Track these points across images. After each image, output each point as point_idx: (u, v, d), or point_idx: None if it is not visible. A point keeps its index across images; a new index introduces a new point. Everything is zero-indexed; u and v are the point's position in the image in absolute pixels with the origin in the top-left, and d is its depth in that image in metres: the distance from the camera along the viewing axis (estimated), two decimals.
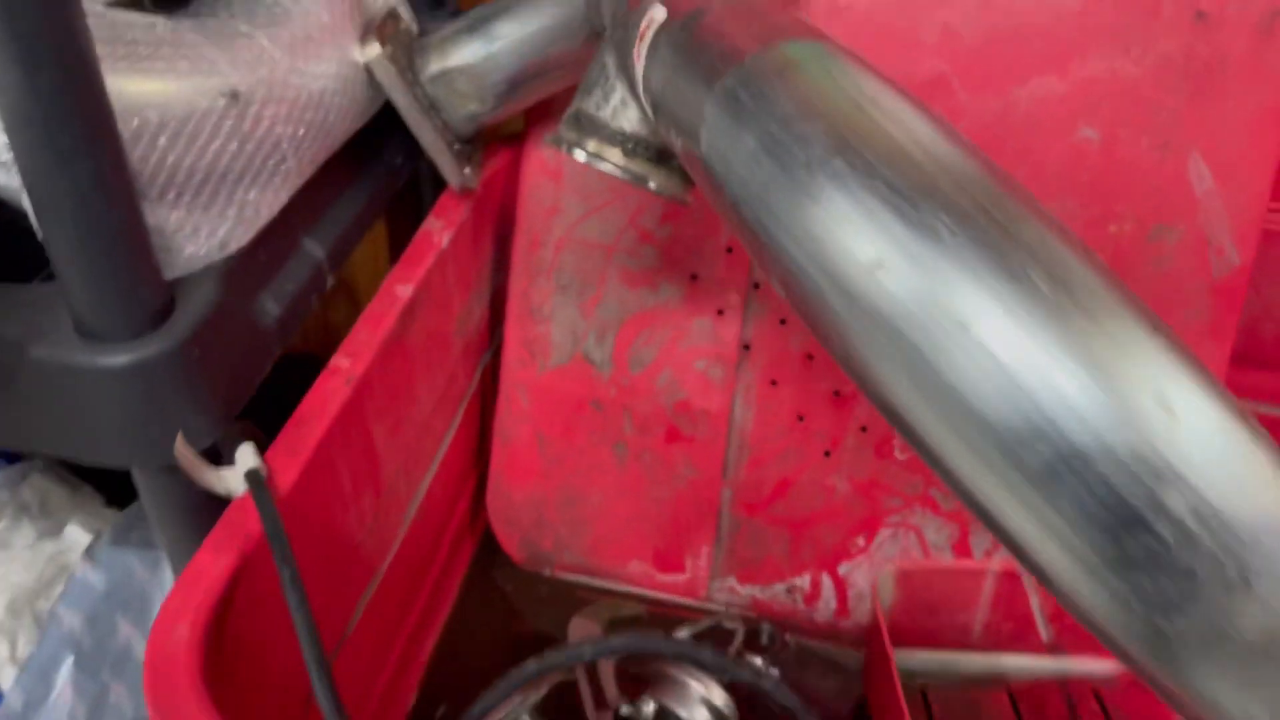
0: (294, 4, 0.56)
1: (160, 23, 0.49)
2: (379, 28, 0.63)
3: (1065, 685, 0.73)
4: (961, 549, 0.76)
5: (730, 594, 0.80)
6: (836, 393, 0.74)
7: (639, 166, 0.48)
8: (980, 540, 0.76)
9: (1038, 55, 0.68)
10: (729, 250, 0.73)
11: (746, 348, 0.75)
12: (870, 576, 0.77)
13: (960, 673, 0.74)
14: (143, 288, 0.47)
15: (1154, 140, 0.68)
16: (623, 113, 0.47)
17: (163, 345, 0.47)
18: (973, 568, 0.70)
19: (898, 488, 0.75)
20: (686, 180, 0.49)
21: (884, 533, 0.76)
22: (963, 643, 0.74)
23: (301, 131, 0.55)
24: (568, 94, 0.71)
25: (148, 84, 0.47)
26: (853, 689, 0.75)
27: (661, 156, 0.48)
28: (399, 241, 0.77)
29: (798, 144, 0.28)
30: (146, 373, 0.47)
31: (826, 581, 0.78)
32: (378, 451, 0.60)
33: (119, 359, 0.47)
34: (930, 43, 0.68)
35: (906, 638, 0.72)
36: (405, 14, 0.70)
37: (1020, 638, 0.74)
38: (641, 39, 0.42)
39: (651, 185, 0.48)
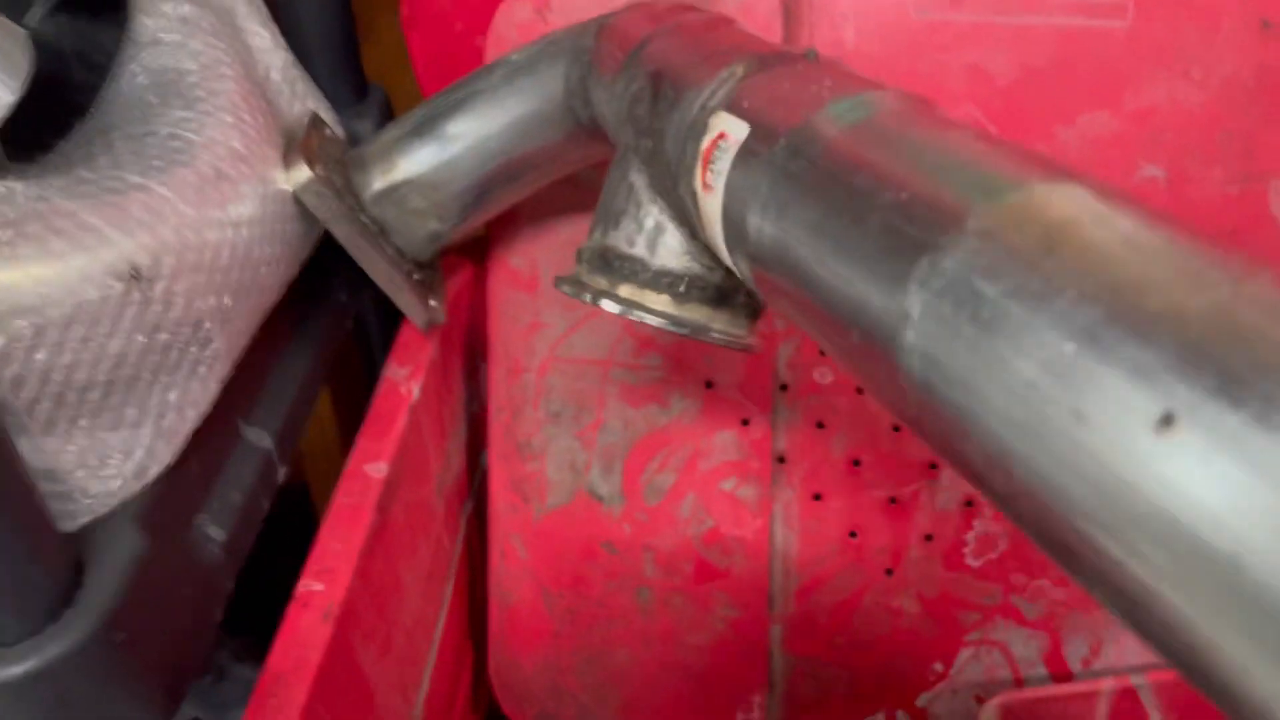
0: (195, 133, 0.43)
1: (19, 190, 0.36)
2: (303, 143, 0.50)
3: None
4: (1054, 661, 0.65)
5: None
6: (892, 500, 0.63)
7: (696, 313, 0.36)
8: (1076, 649, 0.65)
9: (1083, 89, 0.58)
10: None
11: (781, 460, 0.63)
12: (954, 706, 0.66)
13: None
14: (34, 564, 0.33)
15: (1229, 172, 0.59)
16: (662, 244, 0.36)
17: (70, 639, 0.34)
18: (1084, 690, 0.60)
19: (975, 600, 0.64)
20: (752, 316, 0.37)
21: (964, 653, 0.65)
22: None
23: (228, 301, 0.42)
24: (542, 194, 0.59)
25: (12, 277, 0.34)
26: None
27: (723, 295, 0.36)
28: (342, 380, 0.64)
29: (1130, 378, 0.16)
30: (52, 679, 0.34)
31: (904, 719, 0.66)
32: (369, 683, 0.47)
33: (11, 670, 0.33)
34: (960, 87, 0.58)
35: None
36: (329, 117, 0.57)
37: None
38: (708, 163, 0.30)
39: (715, 335, 0.36)
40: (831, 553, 0.64)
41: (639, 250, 0.36)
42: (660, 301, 0.36)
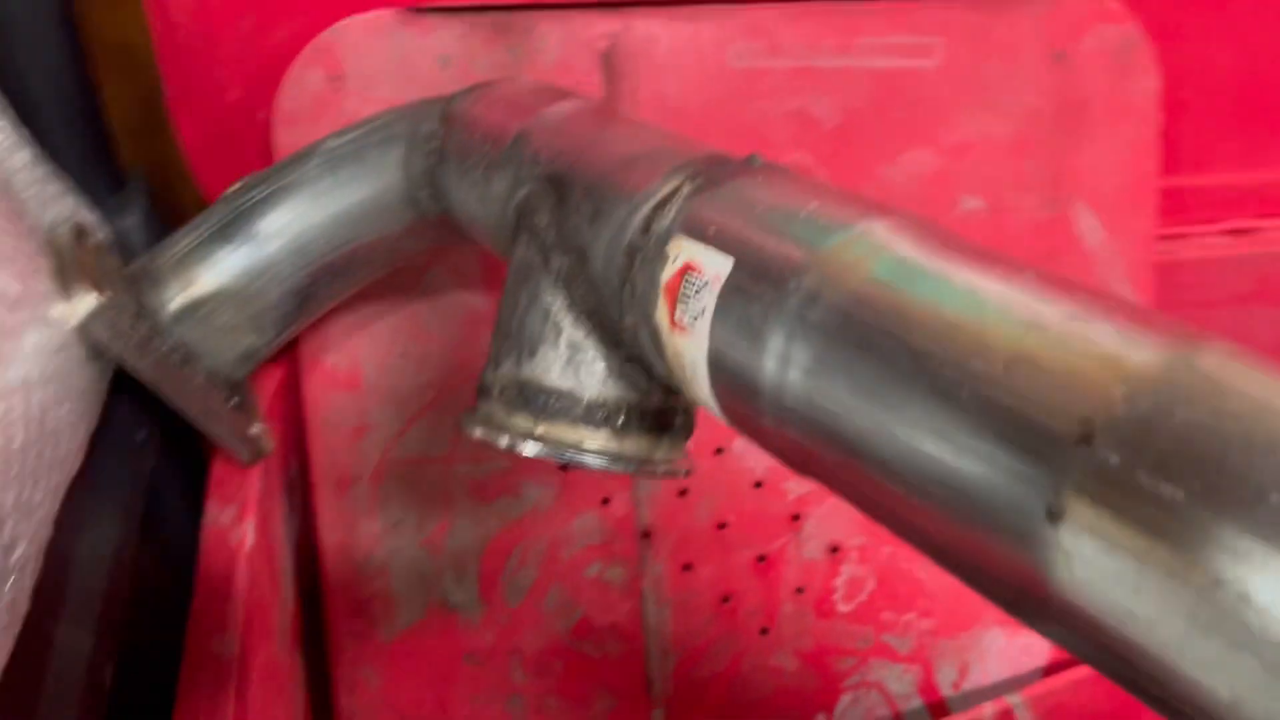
0: None
1: None
2: (78, 262, 0.41)
3: None
4: (928, 690, 0.66)
5: None
6: (761, 558, 0.61)
7: (637, 445, 0.31)
8: (946, 675, 0.66)
9: (903, 128, 0.58)
10: None
11: (646, 535, 0.60)
12: None
13: None
14: None
15: (1039, 198, 0.61)
16: (591, 372, 0.31)
17: None
18: (973, 717, 0.60)
19: (849, 645, 0.64)
20: (688, 436, 0.33)
21: (844, 699, 0.64)
22: None
23: (29, 492, 0.33)
24: (368, 290, 0.52)
25: None
26: None
27: (663, 421, 0.32)
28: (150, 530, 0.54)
29: None
30: None
31: None
32: None
33: None
34: (786, 134, 0.57)
35: None
36: (89, 221, 0.48)
37: None
38: (675, 299, 0.26)
39: (661, 468, 0.32)
40: (706, 622, 0.61)
41: (565, 382, 0.31)
42: (599, 439, 0.31)
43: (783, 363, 0.23)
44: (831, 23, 0.56)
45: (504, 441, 0.31)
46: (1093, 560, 0.17)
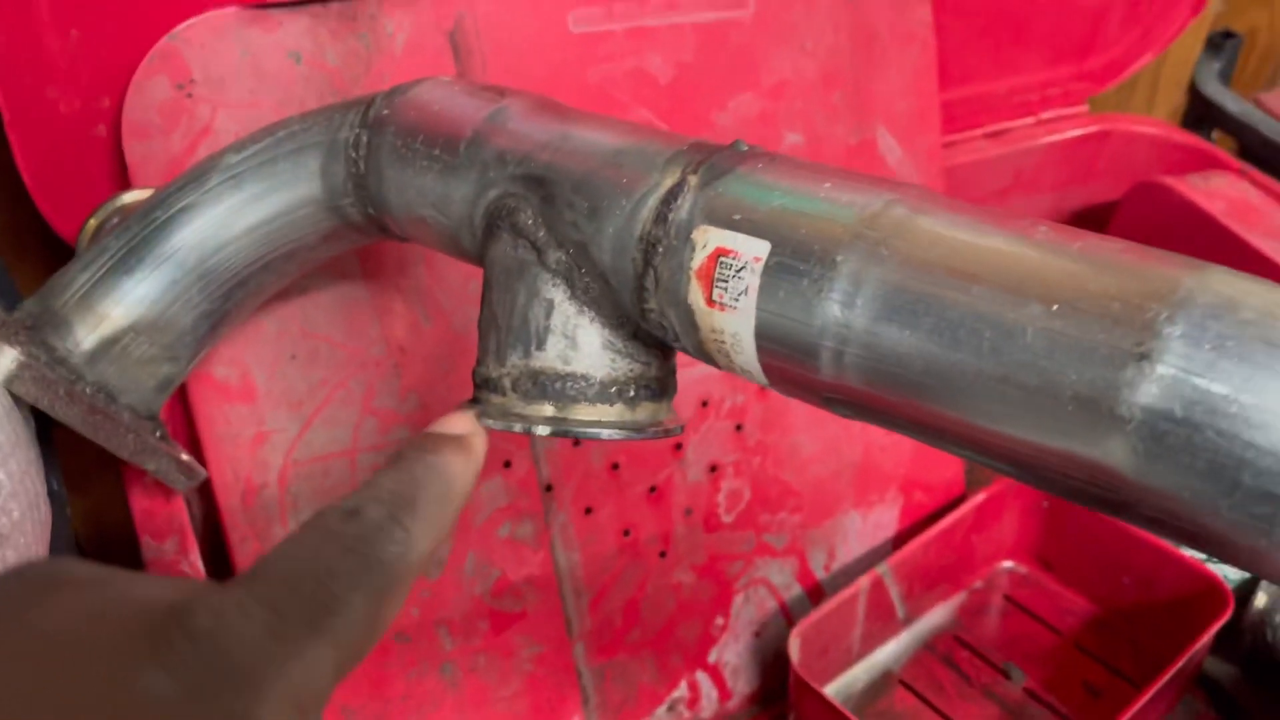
0: None
1: None
2: None
3: (933, 647, 0.75)
4: (805, 577, 0.73)
5: None
6: (652, 489, 0.66)
7: (645, 412, 0.35)
8: (818, 560, 0.74)
9: (728, 75, 0.63)
10: None
11: (549, 488, 0.63)
12: (739, 648, 0.72)
13: (860, 690, 0.72)
14: None
15: (847, 126, 0.67)
16: (601, 355, 0.34)
17: None
18: (852, 592, 0.68)
19: (735, 551, 0.70)
20: (674, 395, 0.37)
21: (737, 600, 0.71)
22: (847, 662, 0.73)
23: (24, 552, 0.32)
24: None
25: None
26: None
27: (664, 386, 0.35)
28: None
29: None
30: None
31: (702, 677, 0.71)
32: None
33: None
34: (628, 92, 0.60)
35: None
36: None
37: (885, 629, 0.74)
38: (711, 281, 0.29)
39: (669, 428, 0.35)
40: (611, 557, 0.66)
41: (579, 366, 0.34)
42: (615, 413, 0.34)
43: (842, 326, 0.27)
44: None
45: (538, 430, 0.33)
46: (1161, 449, 0.22)
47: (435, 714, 0.62)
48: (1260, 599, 0.73)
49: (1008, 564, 0.80)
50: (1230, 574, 0.75)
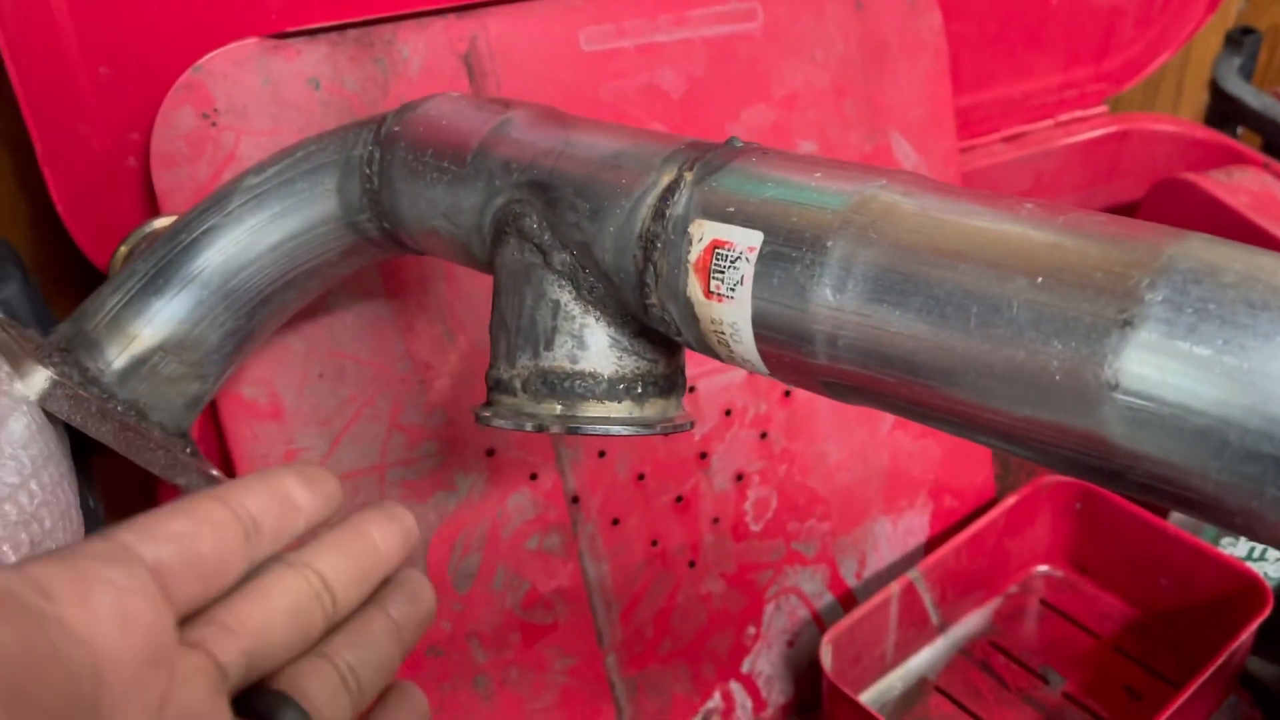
0: None
1: None
2: (14, 342, 0.40)
3: (969, 653, 0.75)
4: (836, 585, 0.73)
5: None
6: (679, 499, 0.66)
7: (654, 408, 0.35)
8: (849, 568, 0.74)
9: (740, 87, 0.64)
10: None
11: (575, 500, 0.63)
12: (773, 658, 0.72)
13: (896, 697, 0.72)
14: None
15: (860, 133, 0.68)
16: (608, 354, 0.34)
17: None
18: (884, 597, 0.68)
19: (765, 560, 0.70)
20: (684, 393, 0.37)
21: (769, 609, 0.71)
22: (881, 669, 0.72)
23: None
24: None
25: None
26: None
27: (672, 383, 0.36)
28: None
29: None
30: None
31: (736, 687, 0.71)
32: None
33: None
34: (642, 107, 0.61)
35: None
36: None
37: (920, 636, 0.74)
38: (708, 272, 0.30)
39: (678, 424, 0.36)
40: (640, 567, 0.66)
41: (587, 365, 0.34)
42: (624, 410, 0.35)
43: (837, 311, 0.27)
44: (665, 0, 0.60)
45: (551, 428, 0.34)
46: (1148, 414, 0.23)
47: None
48: None
49: (1043, 568, 0.80)
50: (1270, 572, 0.74)
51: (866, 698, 0.71)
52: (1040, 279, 0.24)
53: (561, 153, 0.35)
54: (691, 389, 0.65)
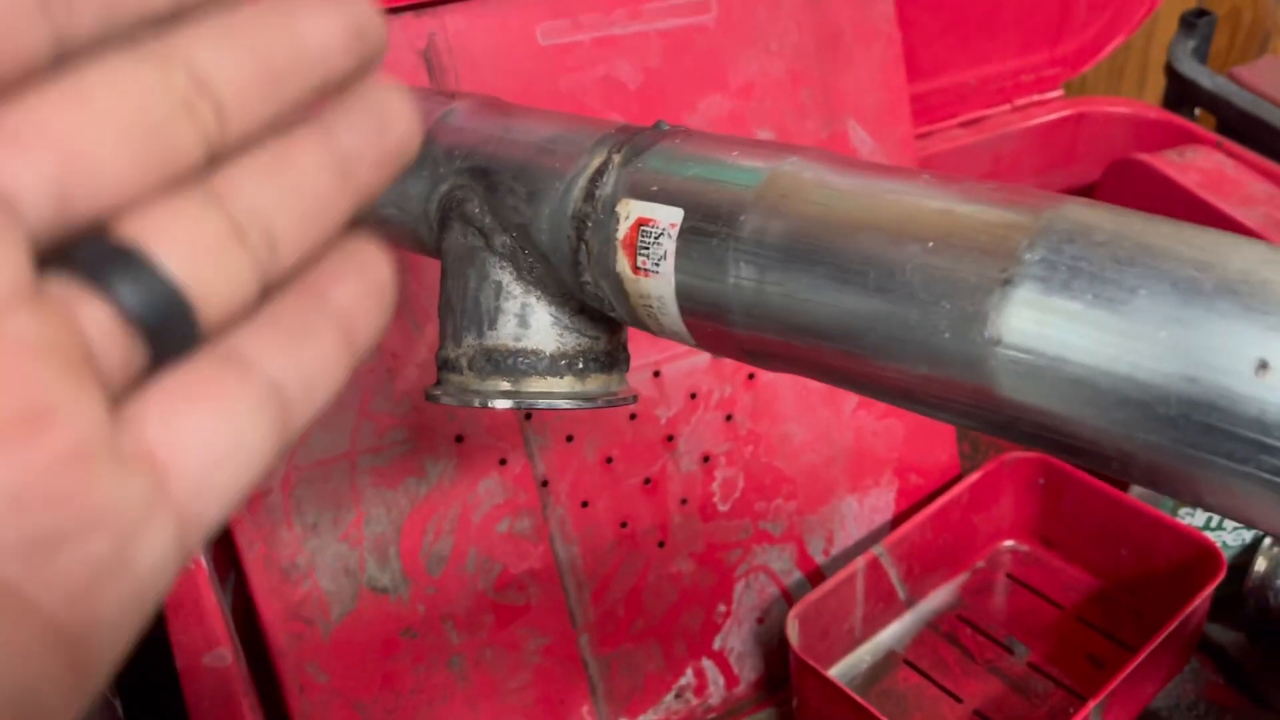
0: None
1: None
2: None
3: (936, 626, 0.76)
4: (804, 562, 0.75)
5: None
6: (647, 480, 0.68)
7: (596, 383, 0.37)
8: (816, 545, 0.75)
9: (696, 78, 0.66)
10: None
11: (545, 483, 0.65)
12: (744, 634, 0.73)
13: (864, 670, 0.74)
14: None
15: (816, 121, 0.70)
16: (550, 331, 0.36)
17: None
18: (849, 573, 0.70)
19: (733, 539, 0.72)
20: (628, 367, 0.39)
21: (738, 587, 0.73)
22: (850, 644, 0.74)
23: None
24: None
25: None
26: None
27: (613, 359, 0.38)
28: None
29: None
30: None
31: (708, 664, 0.73)
32: None
33: None
34: (599, 100, 0.63)
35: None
36: None
37: (887, 610, 0.75)
38: (634, 249, 0.31)
39: (620, 398, 0.37)
40: (610, 549, 0.68)
41: (529, 343, 0.36)
42: (566, 385, 0.36)
43: (751, 281, 0.29)
44: None
45: (494, 404, 0.36)
46: (1028, 366, 0.24)
47: (446, 707, 0.65)
48: (1260, 564, 0.74)
49: (1009, 543, 0.81)
50: (1228, 540, 0.76)
51: (836, 671, 0.73)
52: (931, 243, 0.26)
53: (501, 139, 0.37)
54: (656, 374, 0.67)
